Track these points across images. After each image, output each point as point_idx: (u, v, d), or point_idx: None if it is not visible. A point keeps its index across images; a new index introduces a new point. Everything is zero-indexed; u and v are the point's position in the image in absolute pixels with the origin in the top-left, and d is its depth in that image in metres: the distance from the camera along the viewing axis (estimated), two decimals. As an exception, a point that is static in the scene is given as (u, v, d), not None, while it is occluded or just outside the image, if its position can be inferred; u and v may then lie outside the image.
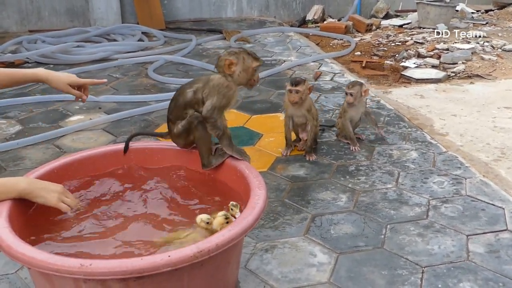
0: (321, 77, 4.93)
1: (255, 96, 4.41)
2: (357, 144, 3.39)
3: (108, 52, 5.62)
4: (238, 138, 3.54)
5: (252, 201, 1.85)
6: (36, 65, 5.32)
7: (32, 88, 4.61)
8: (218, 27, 7.08)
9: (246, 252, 2.32)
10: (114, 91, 4.55)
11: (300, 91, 3.13)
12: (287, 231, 2.50)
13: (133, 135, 2.42)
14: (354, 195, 2.84)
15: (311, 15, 7.79)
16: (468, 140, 3.62)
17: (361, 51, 6.10)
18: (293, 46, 6.17)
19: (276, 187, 2.91)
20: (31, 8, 6.88)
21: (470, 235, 2.47)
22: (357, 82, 3.48)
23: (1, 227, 1.70)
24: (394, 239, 2.44)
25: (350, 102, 3.35)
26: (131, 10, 7.20)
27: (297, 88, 3.12)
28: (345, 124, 3.40)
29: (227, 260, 1.86)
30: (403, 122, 3.83)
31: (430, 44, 6.22)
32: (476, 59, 5.65)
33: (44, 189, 1.88)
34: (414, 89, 4.76)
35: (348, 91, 3.35)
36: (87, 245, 1.81)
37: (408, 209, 2.70)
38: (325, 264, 2.26)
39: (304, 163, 3.20)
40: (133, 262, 1.53)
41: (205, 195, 2.10)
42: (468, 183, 2.96)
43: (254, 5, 7.92)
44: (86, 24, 7.01)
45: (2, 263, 2.26)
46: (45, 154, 3.33)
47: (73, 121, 3.87)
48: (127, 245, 1.80)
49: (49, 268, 1.54)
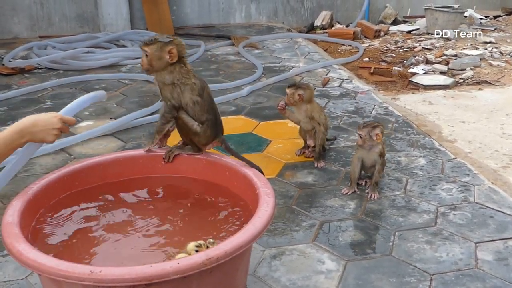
0: (330, 83, 4.94)
1: (264, 102, 4.42)
2: (351, 190, 2.94)
3: (117, 58, 5.65)
4: (247, 145, 3.55)
5: (261, 208, 1.86)
6: (46, 70, 5.36)
7: (42, 94, 4.64)
8: (226, 33, 7.10)
9: (255, 258, 2.33)
10: (124, 97, 4.58)
11: (288, 94, 3.22)
12: (295, 237, 2.51)
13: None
14: (362, 202, 2.84)
15: (319, 21, 7.79)
16: (476, 147, 3.61)
17: (369, 57, 6.10)
18: (301, 52, 6.18)
19: (284, 194, 2.92)
20: (41, 14, 6.93)
21: (478, 243, 2.47)
22: (371, 123, 2.93)
23: (12, 233, 1.72)
24: (402, 246, 2.44)
25: (360, 144, 2.93)
26: (140, 16, 7.24)
27: (287, 90, 3.24)
28: (352, 163, 3.00)
29: (235, 267, 1.87)
30: (411, 129, 3.83)
31: (438, 50, 6.21)
32: (484, 65, 5.63)
33: (42, 131, 1.93)
34: (422, 96, 4.76)
35: (357, 131, 2.92)
36: (95, 252, 1.83)
37: (417, 216, 2.70)
38: (333, 271, 2.26)
39: (312, 170, 3.21)
40: (143, 269, 1.54)
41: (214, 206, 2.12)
42: (477, 190, 2.95)
43: (262, 11, 7.94)
44: (95, 30, 7.06)
45: (12, 268, 2.28)
46: (54, 160, 3.35)
47: (82, 127, 3.89)
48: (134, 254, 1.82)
49: (59, 275, 1.55)
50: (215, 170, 2.25)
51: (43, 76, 5.20)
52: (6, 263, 2.32)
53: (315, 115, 3.25)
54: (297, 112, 3.28)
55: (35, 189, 1.99)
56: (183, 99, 2.23)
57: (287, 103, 3.24)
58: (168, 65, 2.22)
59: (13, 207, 1.86)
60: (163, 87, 2.24)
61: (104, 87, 4.85)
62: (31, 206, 1.92)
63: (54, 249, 1.83)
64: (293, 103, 3.23)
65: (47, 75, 5.23)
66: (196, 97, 2.24)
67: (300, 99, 3.19)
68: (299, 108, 3.25)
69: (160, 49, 2.20)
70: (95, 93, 2.22)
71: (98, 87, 4.84)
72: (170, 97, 2.23)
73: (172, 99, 2.23)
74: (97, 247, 1.86)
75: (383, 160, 2.94)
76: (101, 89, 4.79)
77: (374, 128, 2.86)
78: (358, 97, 4.54)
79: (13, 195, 2.81)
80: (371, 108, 4.26)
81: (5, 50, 5.96)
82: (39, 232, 1.90)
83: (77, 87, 4.86)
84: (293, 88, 3.21)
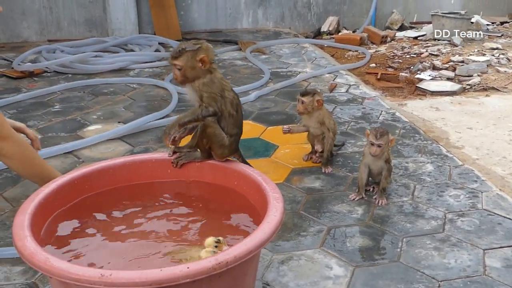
0: (337, 89, 4.94)
1: (271, 107, 4.43)
2: (359, 196, 2.94)
3: (125, 62, 5.68)
4: (254, 150, 3.56)
5: (269, 213, 1.87)
6: (55, 74, 5.39)
7: (51, 97, 4.67)
8: (233, 38, 7.12)
9: (263, 263, 2.34)
10: (132, 101, 4.60)
11: (306, 102, 3.17)
12: (303, 243, 2.51)
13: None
14: (370, 208, 2.84)
15: (326, 26, 7.81)
16: (484, 153, 3.61)
17: (376, 63, 6.11)
18: (308, 57, 6.20)
19: (292, 199, 2.92)
20: (50, 18, 6.98)
21: (486, 249, 2.47)
22: (382, 130, 2.85)
23: (23, 235, 1.74)
24: (410, 253, 2.44)
25: (373, 153, 2.86)
26: (148, 20, 7.28)
27: (303, 99, 3.18)
28: (360, 169, 2.98)
29: (244, 272, 1.88)
30: (418, 135, 3.83)
31: (445, 56, 6.21)
32: (491, 72, 5.63)
33: None
34: (430, 102, 4.76)
35: (375, 141, 2.82)
36: (106, 255, 1.84)
37: (424, 222, 2.70)
38: (341, 277, 2.27)
39: (319, 175, 3.22)
40: (153, 273, 1.55)
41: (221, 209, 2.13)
42: (485, 197, 2.95)
43: (269, 16, 7.96)
44: (104, 34, 7.09)
45: (22, 270, 2.29)
46: (63, 163, 3.37)
47: (91, 131, 3.92)
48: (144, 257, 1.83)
49: (70, 278, 1.56)
50: (224, 174, 2.26)
51: (51, 79, 5.23)
52: (16, 265, 2.33)
53: (325, 120, 3.25)
54: (307, 119, 3.28)
55: (46, 192, 2.01)
56: (224, 110, 2.24)
57: (302, 111, 3.21)
58: (203, 73, 2.21)
59: (24, 210, 1.87)
60: (205, 95, 2.22)
61: (112, 91, 4.88)
62: (42, 209, 1.94)
63: (65, 252, 1.84)
64: (310, 110, 3.21)
65: (55, 78, 5.26)
66: (233, 111, 2.26)
67: (320, 104, 3.20)
68: (311, 115, 3.25)
69: (191, 59, 2.19)
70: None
71: (106, 91, 4.87)
72: (214, 105, 2.22)
73: (216, 106, 2.22)
74: (107, 250, 1.87)
75: (389, 166, 2.94)
76: (110, 92, 4.82)
77: (386, 135, 2.84)
78: (365, 103, 4.55)
79: (23, 198, 2.85)
80: (378, 114, 4.27)
81: (14, 54, 6.00)
82: (50, 235, 1.92)
83: (86, 90, 4.89)
84: (310, 95, 3.18)
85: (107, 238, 1.94)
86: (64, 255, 1.82)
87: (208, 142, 2.27)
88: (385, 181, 2.92)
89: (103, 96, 4.75)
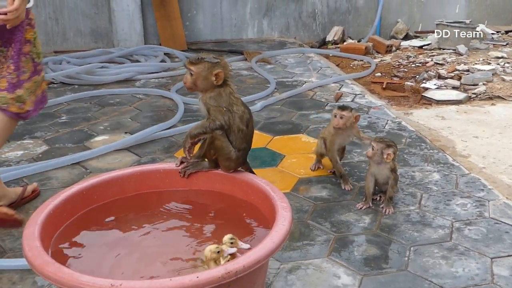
0: (342, 98, 4.96)
1: (277, 117, 4.45)
2: (366, 206, 2.94)
3: (131, 72, 5.72)
4: (260, 159, 3.58)
5: (278, 222, 1.88)
6: (61, 85, 5.42)
7: (58, 108, 4.70)
8: (239, 48, 7.16)
9: (271, 273, 2.34)
10: (138, 112, 4.63)
11: (345, 117, 3.12)
12: (311, 252, 2.52)
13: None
14: (377, 217, 2.84)
15: (331, 36, 7.84)
16: (490, 162, 3.61)
17: (381, 72, 6.12)
18: (314, 67, 6.22)
19: (299, 208, 2.93)
20: (56, 29, 7.03)
21: (494, 258, 2.46)
22: (387, 141, 2.93)
23: (33, 246, 1.75)
24: (418, 261, 2.44)
25: (369, 155, 2.94)
26: (153, 31, 7.32)
27: (343, 113, 3.12)
28: (366, 178, 2.99)
29: (252, 281, 1.88)
30: (424, 144, 3.83)
31: (450, 65, 6.22)
32: (497, 80, 5.63)
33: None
34: (435, 111, 4.77)
35: (372, 142, 2.94)
36: (115, 265, 1.85)
37: (432, 231, 2.70)
38: (349, 286, 2.27)
39: (326, 184, 3.22)
40: (162, 282, 1.56)
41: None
42: (492, 205, 2.95)
43: (274, 26, 7.99)
44: (109, 45, 7.14)
45: (31, 282, 2.30)
46: (71, 174, 3.39)
47: (98, 141, 3.94)
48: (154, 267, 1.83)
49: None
50: (232, 184, 2.28)
51: (58, 90, 5.26)
52: (25, 276, 2.34)
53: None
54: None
55: (55, 203, 2.02)
56: (232, 124, 2.26)
57: (340, 127, 3.14)
58: (213, 87, 2.23)
59: (33, 220, 1.89)
60: (212, 108, 2.24)
61: (118, 101, 4.91)
62: (51, 220, 1.95)
63: (75, 262, 1.85)
64: (349, 126, 3.17)
65: (62, 89, 5.29)
66: (242, 126, 2.27)
67: (357, 120, 3.19)
68: (350, 129, 3.20)
69: (207, 70, 2.21)
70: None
71: (112, 102, 4.90)
72: (221, 118, 2.23)
73: (223, 120, 2.24)
74: (117, 260, 1.88)
75: (395, 175, 2.95)
76: (116, 103, 4.85)
77: (388, 147, 2.88)
78: (371, 112, 4.56)
79: (31, 209, 2.86)
80: (384, 123, 4.28)
81: (21, 65, 6.04)
82: (60, 245, 1.93)
83: (92, 101, 4.92)
84: (349, 110, 3.14)
85: (117, 247, 1.95)
86: (74, 265, 1.83)
87: (216, 154, 2.28)
88: (392, 190, 2.92)
89: (110, 106, 4.78)
